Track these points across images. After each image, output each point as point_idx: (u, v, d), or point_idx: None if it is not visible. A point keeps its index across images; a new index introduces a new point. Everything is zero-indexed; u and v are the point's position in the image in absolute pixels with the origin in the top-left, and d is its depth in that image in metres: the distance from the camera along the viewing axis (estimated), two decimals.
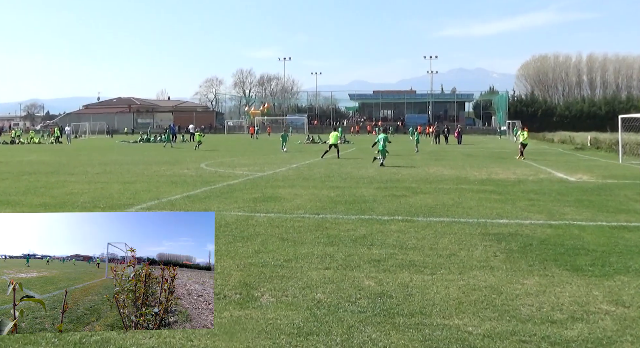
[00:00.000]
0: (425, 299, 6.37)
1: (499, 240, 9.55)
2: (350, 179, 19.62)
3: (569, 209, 13.08)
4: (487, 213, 12.53)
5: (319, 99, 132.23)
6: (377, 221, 11.31)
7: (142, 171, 23.35)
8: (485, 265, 7.95)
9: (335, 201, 14.15)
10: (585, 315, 5.91)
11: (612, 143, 39.68)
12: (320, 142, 56.94)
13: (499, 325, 5.57)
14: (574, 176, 21.63)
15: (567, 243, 9.33)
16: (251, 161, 29.96)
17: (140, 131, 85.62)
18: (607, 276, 7.40)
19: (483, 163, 28.64)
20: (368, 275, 7.36)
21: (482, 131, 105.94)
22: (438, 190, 16.63)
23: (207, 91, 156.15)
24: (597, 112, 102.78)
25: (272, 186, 17.62)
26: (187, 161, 29.36)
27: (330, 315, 5.84)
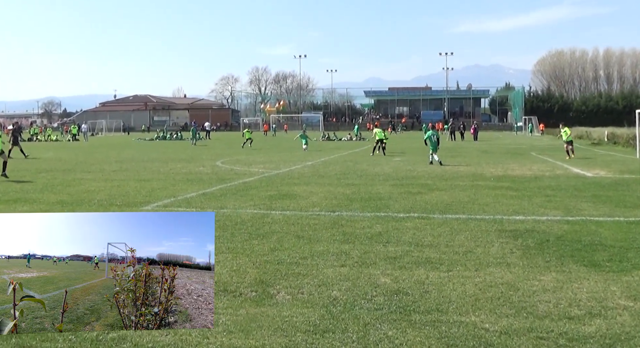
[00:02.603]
0: (441, 296, 6.36)
1: (515, 237, 9.51)
2: (366, 177, 19.60)
3: (586, 205, 12.99)
4: (504, 209, 12.47)
5: (335, 97, 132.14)
6: (392, 219, 11.30)
7: (158, 168, 23.48)
8: (501, 261, 7.92)
9: (350, 198, 14.14)
10: (603, 310, 5.87)
11: (630, 138, 39.32)
12: (335, 139, 56.95)
13: (516, 322, 5.55)
14: (591, 171, 21.47)
15: (585, 239, 9.27)
16: (267, 158, 30.01)
17: (157, 128, 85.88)
18: (625, 272, 7.35)
19: (499, 160, 28.49)
20: (384, 273, 7.36)
21: (498, 127, 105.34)
22: (454, 187, 16.57)
23: (222, 88, 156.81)
24: (614, 107, 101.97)
25: (288, 183, 17.65)
26: (202, 159, 29.47)
27: (346, 312, 5.84)
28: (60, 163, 27.19)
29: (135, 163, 27.09)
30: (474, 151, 35.99)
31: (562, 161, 26.93)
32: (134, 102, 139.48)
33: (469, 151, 36.00)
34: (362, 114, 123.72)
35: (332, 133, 67.16)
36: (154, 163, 26.64)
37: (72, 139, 64.23)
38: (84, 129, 69.04)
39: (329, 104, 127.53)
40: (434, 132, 26.84)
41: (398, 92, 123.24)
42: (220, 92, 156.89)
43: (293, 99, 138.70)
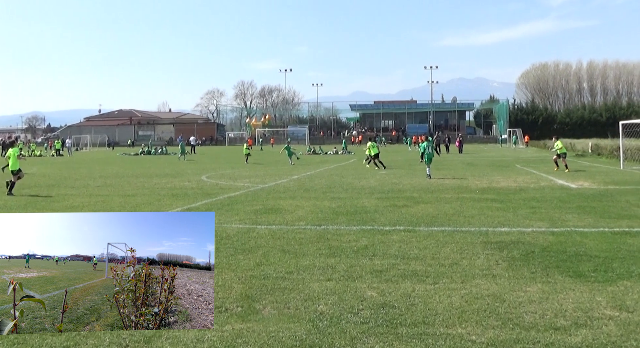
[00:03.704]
0: (427, 309, 6.35)
1: (500, 248, 9.53)
2: (352, 190, 19.60)
3: (571, 216, 13.06)
4: (489, 221, 12.50)
5: (320, 110, 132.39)
6: (378, 232, 11.29)
7: (142, 183, 23.36)
8: (487, 273, 7.93)
9: (336, 212, 14.13)
10: (589, 321, 5.89)
11: (613, 149, 39.67)
12: (321, 153, 56.97)
13: (502, 333, 5.55)
14: (576, 183, 21.60)
15: (570, 250, 9.31)
16: (252, 172, 29.95)
17: (142, 143, 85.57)
18: (610, 282, 7.38)
19: (484, 172, 28.61)
20: (370, 286, 7.34)
21: (483, 140, 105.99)
22: (439, 199, 16.60)
23: (208, 102, 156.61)
24: (597, 119, 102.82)
25: (273, 197, 17.61)
26: (188, 174, 29.35)
27: (333, 326, 5.81)
28: (43, 179, 26.99)
29: (120, 178, 26.94)
30: (459, 164, 36.11)
31: (546, 173, 27.08)
32: (118, 117, 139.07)
33: (454, 164, 36.12)
34: (347, 127, 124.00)
35: (317, 146, 67.20)
36: (139, 178, 26.51)
37: (56, 154, 63.81)
38: (68, 144, 68.71)
39: (315, 118, 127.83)
40: (429, 143, 26.62)
41: (383, 106, 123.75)
42: (205, 107, 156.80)
43: (279, 113, 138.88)
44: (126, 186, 22.44)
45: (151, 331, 5.66)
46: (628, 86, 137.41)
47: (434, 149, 25.89)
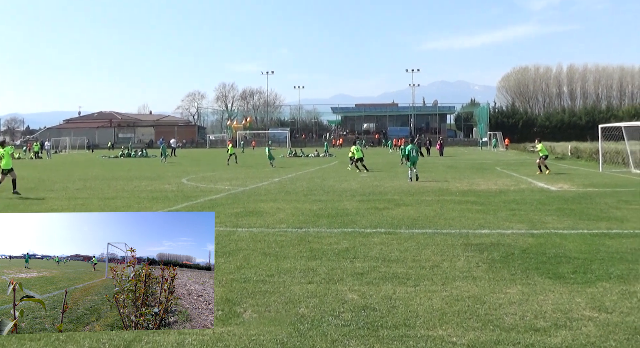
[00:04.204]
0: (408, 311, 6.35)
1: (481, 250, 9.57)
2: (333, 193, 19.60)
3: (551, 218, 13.15)
4: (469, 223, 12.56)
5: (302, 113, 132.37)
6: (359, 234, 11.29)
7: (122, 186, 23.20)
8: (467, 275, 7.96)
9: (317, 214, 14.12)
10: (568, 322, 5.93)
11: (593, 152, 40.07)
12: (302, 156, 56.96)
13: (483, 335, 5.56)
14: (555, 185, 21.77)
15: (549, 252, 9.38)
16: (233, 175, 29.86)
17: (122, 145, 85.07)
18: (589, 283, 7.44)
19: (464, 174, 28.75)
20: (351, 288, 7.33)
21: (464, 142, 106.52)
22: (420, 202, 16.65)
23: (189, 105, 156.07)
24: (577, 122, 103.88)
25: (254, 200, 17.56)
26: (168, 176, 29.20)
27: (314, 329, 5.80)
28: (22, 181, 26.64)
29: (99, 181, 26.73)
30: (439, 166, 36.26)
31: (526, 176, 27.27)
32: (98, 119, 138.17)
33: (435, 167, 36.26)
34: (329, 130, 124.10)
35: (299, 149, 67.19)
36: (119, 181, 26.32)
37: (34, 156, 63.22)
38: (47, 147, 68.18)
39: (296, 121, 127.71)
40: (414, 146, 26.48)
41: (365, 109, 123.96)
42: (186, 109, 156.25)
43: (260, 116, 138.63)
44: (106, 189, 22.28)
45: (131, 335, 5.62)
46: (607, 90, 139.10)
47: (418, 152, 25.77)
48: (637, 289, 7.18)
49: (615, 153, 34.39)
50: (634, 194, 18.28)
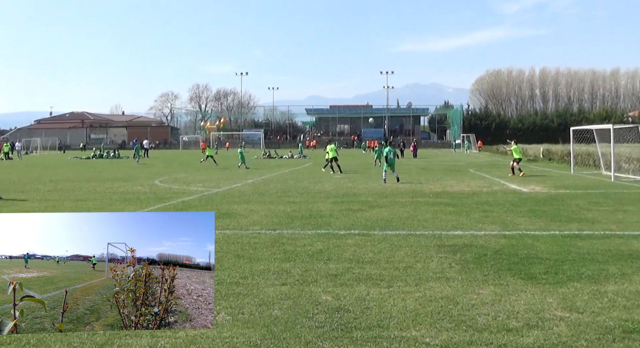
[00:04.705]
0: (382, 312, 6.36)
1: (454, 251, 9.62)
2: (307, 194, 19.58)
3: (523, 220, 13.27)
4: (443, 225, 12.62)
5: (276, 114, 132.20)
6: (333, 236, 11.29)
7: (94, 188, 22.94)
8: (441, 276, 7.99)
9: (291, 216, 14.09)
10: (540, 322, 5.97)
11: (564, 154, 40.54)
12: (277, 157, 56.87)
13: (456, 335, 5.58)
14: (527, 187, 21.98)
15: (521, 253, 9.45)
16: (206, 177, 29.70)
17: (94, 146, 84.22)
18: (561, 284, 7.51)
19: (438, 176, 28.92)
20: (325, 290, 7.32)
21: (437, 144, 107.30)
22: (394, 203, 16.70)
23: (162, 105, 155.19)
24: (549, 125, 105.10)
25: (228, 202, 17.48)
26: (140, 178, 28.95)
27: (288, 331, 5.77)
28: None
29: (71, 182, 26.41)
30: (413, 168, 36.43)
31: (499, 177, 27.51)
32: (70, 120, 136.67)
33: (408, 168, 36.40)
34: (303, 131, 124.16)
35: (273, 150, 67.08)
36: (91, 183, 26.02)
37: (4, 157, 62.28)
38: (17, 148, 67.18)
39: (270, 122, 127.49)
40: (392, 149, 26.43)
41: (339, 110, 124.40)
42: (159, 110, 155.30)
43: (234, 117, 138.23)
44: (77, 190, 22.01)
45: (103, 338, 5.56)
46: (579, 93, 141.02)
47: (395, 154, 25.70)
48: (607, 289, 7.26)
49: (587, 155, 34.83)
50: (605, 196, 18.52)
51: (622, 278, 7.88)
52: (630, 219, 13.42)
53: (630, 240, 10.69)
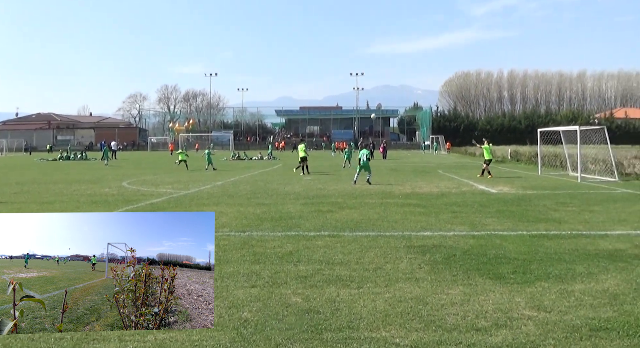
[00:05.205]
0: (352, 313, 6.35)
1: (423, 252, 9.66)
2: (277, 196, 19.53)
3: (491, 220, 13.38)
4: (412, 226, 12.67)
5: (246, 115, 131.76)
6: (303, 237, 11.26)
7: (61, 190, 22.60)
8: (410, 276, 8.01)
9: (261, 218, 14.03)
10: (508, 321, 6.02)
11: (532, 156, 41.06)
12: (246, 159, 56.66)
13: (426, 335, 5.60)
14: (495, 188, 22.19)
15: (490, 253, 9.53)
16: (175, 178, 29.47)
17: (61, 148, 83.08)
18: (529, 283, 7.58)
19: (407, 178, 29.06)
20: (295, 292, 7.29)
21: (407, 146, 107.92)
22: (364, 205, 16.73)
23: (130, 106, 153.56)
24: (517, 127, 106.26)
25: (197, 204, 17.36)
26: (108, 180, 28.62)
27: (257, 334, 5.74)
28: None
29: (37, 184, 25.99)
30: (383, 170, 36.54)
31: (467, 178, 27.75)
32: (36, 121, 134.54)
33: (378, 170, 36.49)
34: (273, 133, 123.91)
35: (242, 152, 66.83)
36: (57, 185, 25.64)
37: None
38: None
39: (240, 123, 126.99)
40: (367, 151, 26.39)
41: (309, 112, 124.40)
42: (127, 111, 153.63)
43: (203, 118, 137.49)
44: (44, 193, 21.67)
45: (70, 343, 5.49)
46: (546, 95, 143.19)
47: (368, 157, 25.60)
48: (574, 288, 7.36)
49: (554, 157, 35.29)
50: (572, 197, 18.78)
51: (589, 277, 7.99)
52: (597, 219, 13.62)
53: (597, 240, 10.85)
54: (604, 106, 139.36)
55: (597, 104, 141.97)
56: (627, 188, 22.16)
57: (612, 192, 20.50)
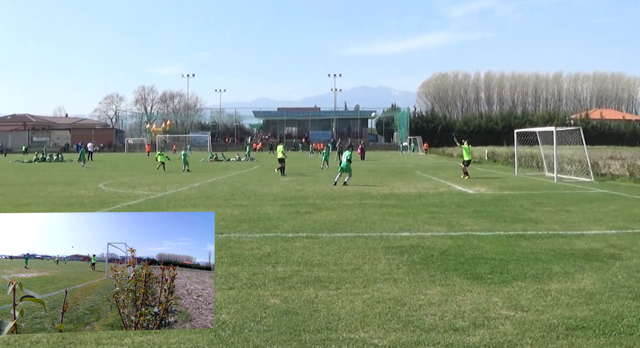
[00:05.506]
0: (330, 314, 6.35)
1: (401, 253, 9.69)
2: (255, 197, 19.47)
3: (468, 221, 13.46)
4: (390, 226, 12.70)
5: (223, 117, 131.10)
6: (281, 239, 11.24)
7: (37, 192, 22.34)
8: (388, 277, 8.03)
9: (239, 219, 13.98)
10: (486, 321, 6.06)
11: (508, 156, 41.37)
12: (224, 160, 56.44)
13: (404, 336, 5.61)
14: (473, 188, 22.32)
15: (467, 253, 9.58)
16: (152, 180, 29.27)
17: (37, 149, 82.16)
18: (506, 283, 7.64)
19: (385, 178, 29.13)
20: (273, 293, 7.28)
21: (385, 147, 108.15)
22: (342, 206, 16.74)
23: (107, 108, 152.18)
24: (494, 128, 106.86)
25: (174, 205, 17.26)
26: (85, 182, 28.35)
27: (236, 336, 5.71)
28: None
29: (13, 186, 25.67)
30: (361, 171, 36.56)
31: (445, 179, 27.88)
32: (11, 122, 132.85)
33: (356, 171, 36.47)
34: (251, 134, 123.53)
35: (220, 153, 66.56)
36: (33, 187, 25.34)
37: None
38: None
39: (218, 124, 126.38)
40: (349, 152, 26.38)
41: (287, 113, 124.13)
42: (104, 112, 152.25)
43: (180, 119, 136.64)
44: (19, 195, 21.40)
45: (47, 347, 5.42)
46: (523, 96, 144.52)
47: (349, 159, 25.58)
48: (551, 288, 7.42)
49: (530, 157, 35.60)
50: (548, 197, 18.96)
51: (565, 276, 8.06)
52: (573, 219, 13.76)
53: (573, 240, 10.96)
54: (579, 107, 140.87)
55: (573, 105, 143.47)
56: (602, 188, 22.42)
57: (588, 192, 20.73)
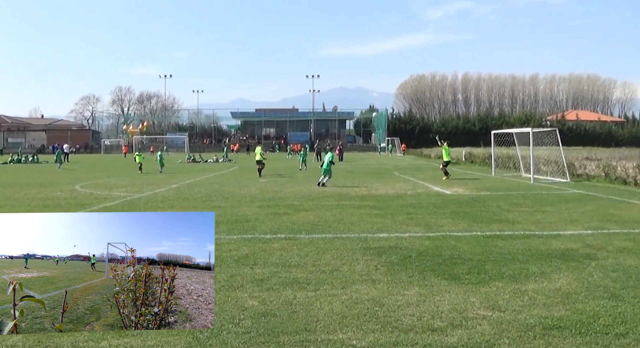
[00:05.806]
0: (309, 316, 6.34)
1: (379, 254, 9.70)
2: (232, 199, 19.41)
3: (446, 221, 13.52)
4: (368, 227, 12.72)
5: (201, 118, 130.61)
6: (259, 240, 11.21)
7: (11, 194, 22.07)
8: (367, 278, 8.04)
9: (216, 221, 13.91)
10: (464, 321, 6.08)
11: (485, 157, 41.65)
12: (201, 161, 56.20)
13: (382, 337, 5.62)
14: (450, 189, 22.44)
15: (445, 254, 9.63)
16: (129, 181, 29.04)
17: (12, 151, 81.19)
18: (483, 283, 7.68)
19: (363, 179, 29.19)
20: (251, 295, 7.25)
21: (363, 148, 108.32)
22: (320, 207, 16.74)
23: (83, 108, 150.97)
24: (471, 129, 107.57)
25: (151, 207, 17.14)
26: (60, 183, 28.05)
27: (214, 338, 5.68)
28: None
29: None
30: (339, 172, 36.60)
31: (422, 180, 28.00)
32: None
33: (334, 172, 36.45)
34: (228, 135, 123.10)
35: (197, 154, 66.26)
36: (8, 188, 25.03)
37: None
38: None
39: (195, 125, 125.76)
40: (331, 154, 26.42)
41: (265, 114, 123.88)
42: (80, 113, 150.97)
43: (157, 120, 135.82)
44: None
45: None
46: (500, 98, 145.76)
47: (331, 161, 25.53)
48: (528, 288, 7.48)
49: (507, 158, 35.87)
50: (525, 197, 19.11)
51: (542, 276, 8.13)
52: (549, 219, 13.88)
53: (549, 240, 11.06)
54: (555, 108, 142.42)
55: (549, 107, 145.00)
56: (578, 188, 22.66)
57: (564, 193, 20.94)
